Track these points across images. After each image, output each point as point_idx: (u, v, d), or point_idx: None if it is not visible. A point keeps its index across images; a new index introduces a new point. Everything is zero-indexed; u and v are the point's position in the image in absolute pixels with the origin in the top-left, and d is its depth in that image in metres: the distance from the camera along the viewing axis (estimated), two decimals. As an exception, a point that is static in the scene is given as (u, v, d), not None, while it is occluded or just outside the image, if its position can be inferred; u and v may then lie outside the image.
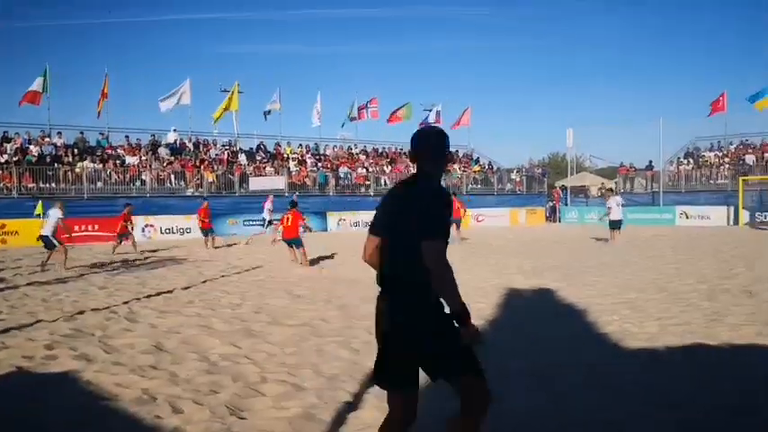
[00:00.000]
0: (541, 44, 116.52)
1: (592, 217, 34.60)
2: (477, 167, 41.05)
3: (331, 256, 17.21)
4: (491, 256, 16.81)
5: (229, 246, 21.24)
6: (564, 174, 46.73)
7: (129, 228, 19.15)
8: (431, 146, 3.21)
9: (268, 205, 23.78)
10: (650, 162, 38.86)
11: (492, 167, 41.96)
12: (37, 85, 28.32)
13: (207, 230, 20.22)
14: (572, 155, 43.92)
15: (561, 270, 13.27)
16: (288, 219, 15.05)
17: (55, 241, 14.42)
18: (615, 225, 19.67)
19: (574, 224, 34.76)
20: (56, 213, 14.54)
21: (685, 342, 6.68)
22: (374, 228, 3.33)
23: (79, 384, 5.48)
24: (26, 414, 4.73)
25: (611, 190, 22.15)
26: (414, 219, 2.97)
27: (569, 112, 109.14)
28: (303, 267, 14.64)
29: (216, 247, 20.09)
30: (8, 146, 26.97)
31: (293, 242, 15.14)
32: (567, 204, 38.66)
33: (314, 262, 15.51)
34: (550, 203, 38.63)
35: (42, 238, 14.43)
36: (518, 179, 40.88)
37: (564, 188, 40.63)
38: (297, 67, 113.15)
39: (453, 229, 20.93)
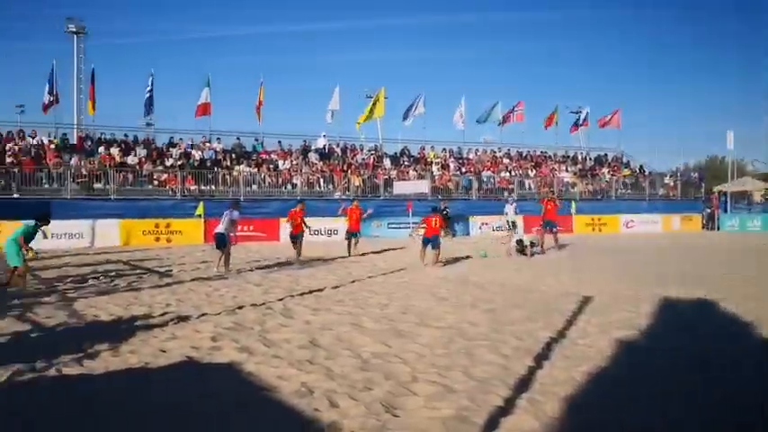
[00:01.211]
0: (697, 41, 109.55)
1: (755, 224, 32.19)
2: (627, 171, 39.30)
3: (469, 259, 17.13)
4: (641, 264, 16.00)
5: (379, 252, 21.45)
6: (723, 178, 43.71)
7: (306, 230, 17.20)
8: None
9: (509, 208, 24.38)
10: (824, 166, 35.49)
11: (643, 171, 39.99)
12: (205, 96, 30.62)
13: (353, 234, 19.56)
14: (732, 158, 41.03)
15: (722, 280, 12.40)
16: (435, 221, 15.88)
17: (227, 240, 14.45)
18: None
19: (734, 232, 32.35)
20: (233, 214, 14.52)
21: None
22: None
23: (242, 375, 5.84)
24: (196, 401, 5.10)
25: None
26: None
27: (729, 112, 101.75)
28: (434, 266, 15.28)
29: (361, 254, 19.12)
30: (173, 151, 29.23)
31: (433, 240, 15.80)
32: (726, 211, 36.06)
33: (454, 265, 15.57)
34: (708, 210, 36.16)
35: (217, 235, 14.45)
36: (672, 184, 38.66)
37: (723, 194, 37.94)
38: (440, 70, 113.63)
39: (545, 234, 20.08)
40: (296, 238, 16.82)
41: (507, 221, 23.37)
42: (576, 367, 5.91)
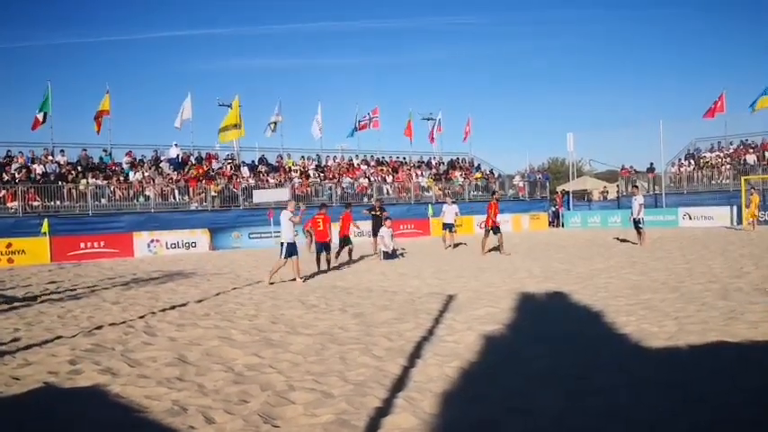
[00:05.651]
0: (538, 49, 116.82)
1: (595, 220, 34.81)
2: (478, 174, 41.08)
3: (339, 267, 17.21)
4: (499, 262, 16.81)
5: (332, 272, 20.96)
6: (565, 178, 46.79)
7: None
8: None
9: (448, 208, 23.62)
10: (651, 164, 39.01)
11: (493, 174, 42.00)
12: (43, 107, 28.56)
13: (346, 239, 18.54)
14: (572, 159, 44.01)
15: (571, 273, 13.30)
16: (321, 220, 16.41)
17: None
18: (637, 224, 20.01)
19: (577, 229, 34.72)
20: (286, 215, 13.69)
21: (706, 340, 6.70)
22: None
23: (109, 397, 5.50)
24: (59, 429, 4.75)
25: (636, 187, 22.06)
26: None
27: (569, 116, 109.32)
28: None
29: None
30: (12, 165, 27.03)
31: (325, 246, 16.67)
32: (569, 209, 38.63)
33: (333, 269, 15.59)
34: (553, 208, 38.60)
35: (290, 246, 13.58)
36: (521, 185, 40.84)
37: (566, 193, 40.65)
38: (296, 79, 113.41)
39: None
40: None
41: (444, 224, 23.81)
42: (448, 363, 6.10)
